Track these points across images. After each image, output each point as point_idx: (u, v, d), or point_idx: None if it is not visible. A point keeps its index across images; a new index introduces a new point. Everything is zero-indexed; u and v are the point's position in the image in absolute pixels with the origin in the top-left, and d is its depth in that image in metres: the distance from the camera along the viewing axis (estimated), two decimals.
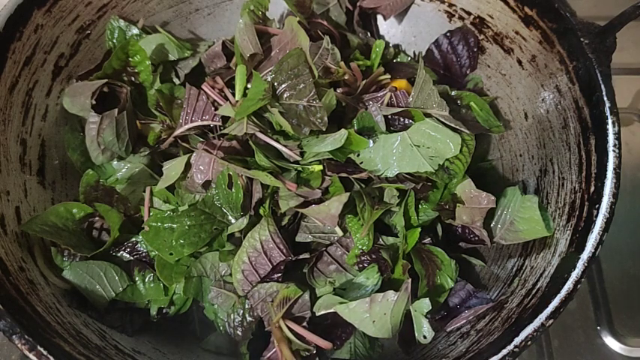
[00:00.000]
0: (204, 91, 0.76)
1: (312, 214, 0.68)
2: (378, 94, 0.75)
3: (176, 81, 0.86)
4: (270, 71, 0.72)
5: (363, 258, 0.70)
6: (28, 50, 0.72)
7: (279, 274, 0.68)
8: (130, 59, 0.80)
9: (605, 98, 0.62)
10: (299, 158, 0.69)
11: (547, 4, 0.70)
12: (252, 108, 0.67)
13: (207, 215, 0.69)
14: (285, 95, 0.68)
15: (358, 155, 0.70)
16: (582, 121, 0.66)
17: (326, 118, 0.67)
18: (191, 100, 0.76)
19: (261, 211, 0.69)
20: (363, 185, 0.70)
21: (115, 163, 0.79)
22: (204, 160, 0.71)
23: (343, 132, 0.66)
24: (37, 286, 0.64)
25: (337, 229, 0.69)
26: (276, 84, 0.70)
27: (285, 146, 0.70)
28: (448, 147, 0.68)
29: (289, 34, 0.77)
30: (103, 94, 0.78)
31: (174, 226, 0.68)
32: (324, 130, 0.67)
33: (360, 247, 0.68)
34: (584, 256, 0.58)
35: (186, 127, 0.76)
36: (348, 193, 0.65)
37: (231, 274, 0.72)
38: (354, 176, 0.69)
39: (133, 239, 0.74)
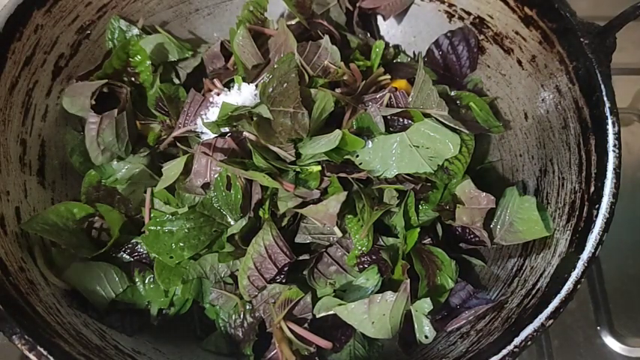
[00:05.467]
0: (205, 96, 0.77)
1: (310, 214, 0.67)
2: (378, 95, 0.75)
3: (176, 81, 0.87)
4: (265, 74, 0.73)
5: (363, 259, 0.69)
6: (28, 50, 0.72)
7: (283, 276, 0.68)
8: (131, 59, 0.80)
9: (605, 98, 0.62)
10: (293, 158, 0.69)
11: (547, 4, 0.70)
12: (225, 120, 0.69)
13: (206, 218, 0.69)
14: (276, 101, 0.68)
15: (357, 156, 0.70)
16: (582, 122, 0.66)
17: (307, 126, 0.66)
18: (193, 104, 0.76)
19: (260, 213, 0.69)
20: (362, 186, 0.70)
21: (115, 163, 0.78)
22: (201, 162, 0.71)
23: (337, 132, 0.66)
24: (37, 286, 0.64)
25: (336, 229, 0.69)
26: (270, 89, 0.69)
27: (280, 148, 0.69)
28: (447, 147, 0.68)
29: (282, 37, 0.77)
30: (103, 94, 0.78)
31: (174, 229, 0.68)
32: (304, 137, 0.67)
33: (359, 247, 0.68)
34: (584, 256, 0.58)
35: (185, 129, 0.76)
36: (345, 192, 0.65)
37: (231, 275, 0.72)
38: (353, 176, 0.69)
39: (134, 240, 0.74)
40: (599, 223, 0.59)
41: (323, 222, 0.67)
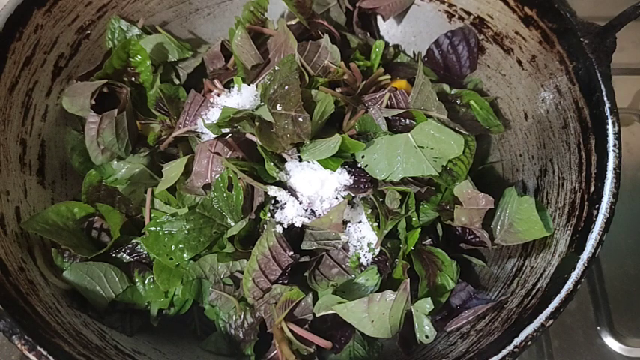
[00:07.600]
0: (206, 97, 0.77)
1: (317, 227, 0.68)
2: (378, 95, 0.75)
3: (176, 81, 0.86)
4: (266, 76, 0.72)
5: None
6: (28, 50, 0.72)
7: (285, 277, 0.68)
8: (131, 59, 0.80)
9: (605, 98, 0.62)
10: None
11: (547, 4, 0.70)
12: (227, 122, 0.68)
13: (206, 219, 0.68)
14: (277, 104, 0.68)
15: (363, 157, 0.69)
16: (582, 122, 0.66)
17: (309, 130, 0.65)
18: (193, 105, 0.76)
19: (261, 215, 0.69)
20: (373, 193, 0.69)
21: (115, 163, 0.78)
22: (202, 163, 0.71)
23: (337, 138, 0.65)
24: (37, 286, 0.64)
25: (342, 235, 0.69)
26: (271, 91, 0.69)
27: (283, 153, 0.69)
28: (452, 148, 0.67)
29: (282, 37, 0.77)
30: (103, 94, 0.78)
31: (174, 230, 0.68)
32: (307, 142, 0.66)
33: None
34: (584, 256, 0.58)
35: (185, 129, 0.76)
36: (346, 201, 0.65)
37: (230, 276, 0.72)
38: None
39: (134, 240, 0.74)
40: (599, 223, 0.59)
41: (331, 230, 0.67)
